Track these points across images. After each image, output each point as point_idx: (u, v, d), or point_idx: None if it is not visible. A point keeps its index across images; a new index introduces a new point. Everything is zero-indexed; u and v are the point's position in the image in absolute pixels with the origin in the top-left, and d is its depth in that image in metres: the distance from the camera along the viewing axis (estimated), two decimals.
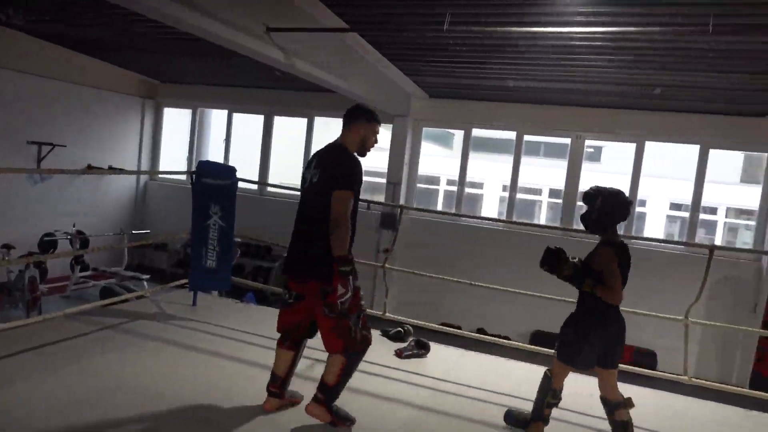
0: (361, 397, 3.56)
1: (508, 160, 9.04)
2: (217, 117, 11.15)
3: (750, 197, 8.87)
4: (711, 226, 13.78)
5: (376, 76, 7.68)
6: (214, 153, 10.95)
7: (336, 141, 3.18)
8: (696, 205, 8.00)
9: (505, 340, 6.84)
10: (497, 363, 4.76)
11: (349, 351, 3.01)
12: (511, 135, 8.94)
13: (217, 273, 4.88)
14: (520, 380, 4.17)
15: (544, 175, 13.32)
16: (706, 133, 7.82)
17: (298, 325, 3.19)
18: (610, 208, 3.07)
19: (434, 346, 4.76)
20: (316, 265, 2.96)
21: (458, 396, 3.84)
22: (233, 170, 5.02)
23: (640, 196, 14.07)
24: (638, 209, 14.59)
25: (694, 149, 8.08)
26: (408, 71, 7.75)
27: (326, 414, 3.10)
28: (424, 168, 9.94)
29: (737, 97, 6.93)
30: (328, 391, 3.08)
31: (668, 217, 14.23)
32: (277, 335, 3.27)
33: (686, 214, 8.31)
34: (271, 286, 6.95)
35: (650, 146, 8.28)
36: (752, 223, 8.42)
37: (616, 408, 3.15)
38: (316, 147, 10.31)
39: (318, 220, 2.94)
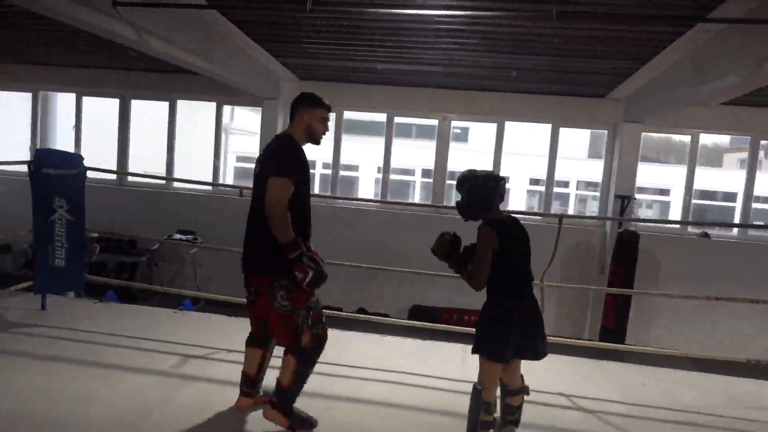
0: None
1: (381, 142, 9.21)
2: (65, 101, 10.10)
3: (596, 171, 9.86)
4: (564, 199, 15.19)
5: (244, 57, 7.39)
6: (63, 141, 9.92)
7: (282, 132, 3.11)
8: (550, 179, 8.73)
9: (386, 318, 7.06)
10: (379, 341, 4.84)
11: (296, 349, 2.91)
12: (382, 117, 9.11)
13: (67, 272, 4.43)
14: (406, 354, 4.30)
15: (416, 155, 13.78)
16: (556, 113, 8.54)
17: (263, 321, 3.08)
18: (481, 192, 2.95)
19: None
20: (260, 259, 2.94)
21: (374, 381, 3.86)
22: (79, 158, 4.55)
23: (503, 173, 15.14)
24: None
25: (547, 128, 8.79)
26: (275, 53, 7.55)
27: (282, 418, 2.97)
28: None
29: (581, 80, 7.61)
30: (282, 394, 2.96)
31: (528, 191, 15.43)
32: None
33: (543, 188, 9.01)
34: (158, 283, 6.48)
35: (510, 126, 8.87)
36: (598, 194, 9.38)
37: (516, 393, 3.04)
38: (181, 133, 9.80)
39: (260, 213, 2.87)
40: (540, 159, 9.13)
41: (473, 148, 14.77)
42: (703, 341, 7.86)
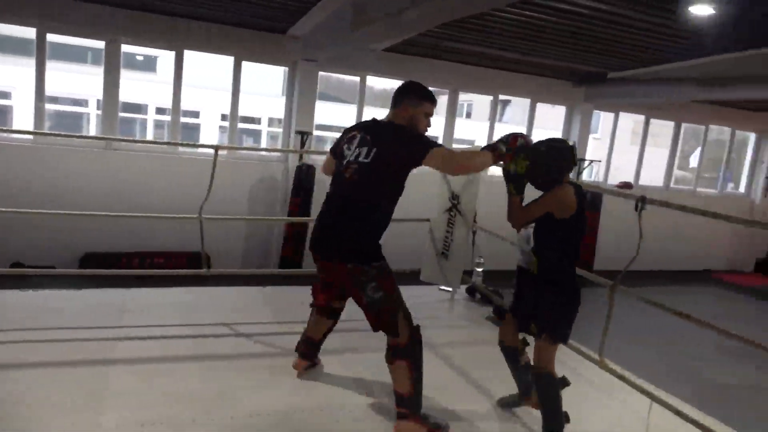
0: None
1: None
2: None
3: None
4: (257, 135, 15.41)
5: None
6: None
7: (384, 120, 2.87)
8: (234, 114, 8.65)
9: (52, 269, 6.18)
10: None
11: (399, 350, 2.69)
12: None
13: None
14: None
15: (89, 83, 12.05)
16: (238, 45, 8.36)
17: (333, 300, 3.08)
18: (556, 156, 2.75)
19: None
20: (350, 245, 2.71)
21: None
22: None
23: (193, 107, 14.46)
24: (192, 120, 15.04)
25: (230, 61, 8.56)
26: None
27: (420, 425, 2.71)
28: None
29: (261, 13, 7.54)
30: (408, 403, 2.71)
31: (220, 128, 15.14)
32: None
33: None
34: None
35: (193, 56, 8.38)
36: None
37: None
38: None
39: (363, 200, 2.73)
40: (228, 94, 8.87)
41: (161, 79, 13.65)
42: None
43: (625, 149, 13.20)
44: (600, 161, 11.43)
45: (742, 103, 11.53)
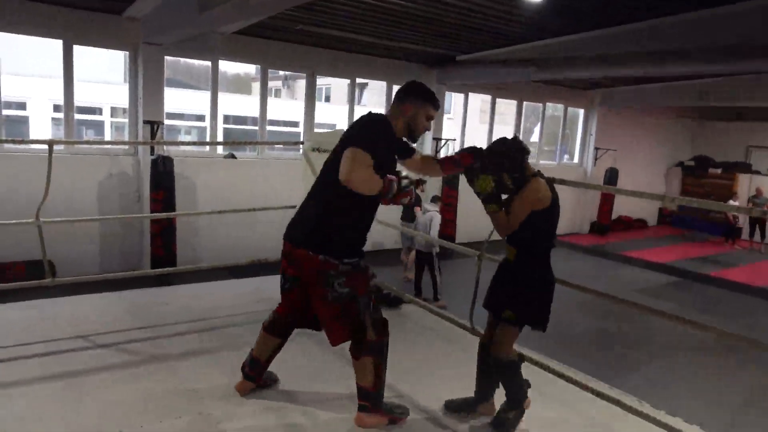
0: None
1: None
2: None
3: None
4: (99, 126, 14.04)
5: None
6: None
7: (374, 115, 2.71)
8: (69, 104, 7.78)
9: None
10: None
11: (366, 347, 2.65)
12: None
13: None
14: None
15: None
16: (68, 28, 7.50)
17: (295, 312, 2.85)
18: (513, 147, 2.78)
19: None
20: (314, 232, 2.61)
21: None
22: None
23: (17, 98, 12.80)
24: (18, 113, 13.33)
25: (59, 45, 7.66)
26: None
27: (380, 417, 2.77)
28: None
29: None
30: (370, 396, 2.72)
31: (53, 119, 13.56)
32: None
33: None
34: None
35: (12, 39, 7.36)
36: None
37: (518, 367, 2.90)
38: None
39: (328, 184, 2.59)
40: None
41: None
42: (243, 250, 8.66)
43: (476, 127, 14.09)
44: (455, 140, 12.06)
45: (571, 82, 12.82)
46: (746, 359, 6.48)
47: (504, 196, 2.80)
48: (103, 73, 12.85)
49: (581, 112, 14.46)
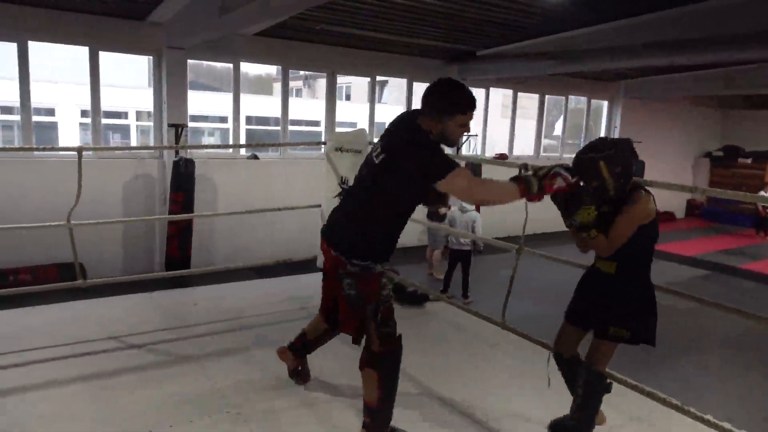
0: None
1: None
2: None
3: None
4: (125, 130, 14.30)
5: None
6: None
7: (409, 117, 2.61)
8: (96, 109, 7.93)
9: None
10: None
11: (371, 359, 2.56)
12: None
13: None
14: None
15: None
16: (92, 34, 7.65)
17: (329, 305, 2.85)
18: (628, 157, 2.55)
19: None
20: (346, 236, 2.59)
21: None
22: None
23: (47, 104, 13.10)
24: (48, 119, 13.64)
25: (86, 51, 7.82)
26: None
27: None
28: None
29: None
30: (373, 414, 2.60)
31: (81, 125, 13.86)
32: None
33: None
34: None
35: (39, 47, 7.53)
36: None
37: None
38: None
39: (370, 200, 2.57)
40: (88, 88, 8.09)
41: (3, 75, 12.16)
42: (265, 250, 8.73)
43: (498, 122, 13.97)
44: (477, 135, 11.98)
45: (594, 74, 12.62)
46: None
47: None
48: (129, 78, 13.10)
49: (605, 104, 14.23)
